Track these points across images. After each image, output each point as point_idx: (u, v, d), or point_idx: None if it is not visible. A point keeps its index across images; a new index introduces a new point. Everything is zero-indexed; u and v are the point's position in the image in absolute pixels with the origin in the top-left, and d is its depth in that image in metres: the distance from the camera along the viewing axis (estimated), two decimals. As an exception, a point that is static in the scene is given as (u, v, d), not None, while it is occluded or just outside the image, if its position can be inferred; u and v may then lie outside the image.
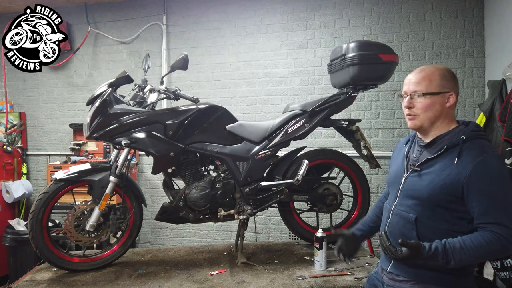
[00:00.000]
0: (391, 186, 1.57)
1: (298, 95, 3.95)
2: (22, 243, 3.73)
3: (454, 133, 1.40)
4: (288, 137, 2.54)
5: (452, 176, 1.32)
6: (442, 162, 1.37)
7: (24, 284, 2.28)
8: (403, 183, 1.47)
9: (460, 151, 1.34)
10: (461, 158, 1.33)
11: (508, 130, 2.62)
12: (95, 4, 4.35)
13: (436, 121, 1.42)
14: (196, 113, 2.46)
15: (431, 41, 3.68)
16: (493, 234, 1.27)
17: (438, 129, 1.43)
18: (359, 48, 2.41)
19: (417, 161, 1.45)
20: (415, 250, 1.28)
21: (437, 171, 1.36)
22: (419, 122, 1.43)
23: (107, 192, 2.35)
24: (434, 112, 1.40)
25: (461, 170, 1.31)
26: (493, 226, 1.27)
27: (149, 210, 4.06)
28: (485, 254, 1.29)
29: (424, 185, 1.38)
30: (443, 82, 1.40)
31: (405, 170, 1.49)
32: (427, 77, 1.41)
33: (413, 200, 1.41)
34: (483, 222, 1.29)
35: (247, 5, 4.06)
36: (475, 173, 1.29)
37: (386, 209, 1.56)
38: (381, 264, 1.58)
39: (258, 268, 2.43)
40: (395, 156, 1.64)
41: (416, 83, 1.42)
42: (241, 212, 2.51)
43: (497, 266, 2.54)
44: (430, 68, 1.44)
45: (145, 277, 2.34)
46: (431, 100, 1.40)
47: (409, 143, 1.57)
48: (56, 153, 4.52)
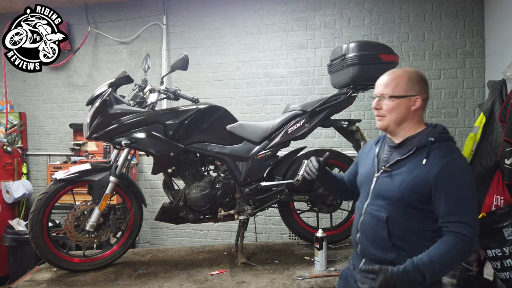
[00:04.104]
0: (362, 185, 1.59)
1: (298, 95, 3.95)
2: (22, 243, 3.72)
3: (423, 135, 1.44)
4: (288, 137, 2.55)
5: (420, 177, 1.36)
6: (412, 163, 1.40)
7: (24, 284, 2.28)
8: (375, 183, 1.49)
9: (428, 152, 1.38)
10: (429, 159, 1.37)
11: (508, 130, 2.62)
12: (95, 4, 4.35)
13: (402, 122, 1.46)
14: (196, 113, 2.46)
15: (431, 41, 3.68)
16: (456, 235, 1.29)
17: (405, 131, 1.47)
18: (359, 48, 2.41)
19: (388, 162, 1.48)
20: (384, 273, 1.28)
21: (407, 172, 1.40)
22: (385, 123, 1.48)
23: (107, 192, 2.35)
24: (399, 114, 1.44)
25: (429, 170, 1.35)
26: (457, 226, 1.30)
27: (149, 210, 4.06)
28: (454, 258, 1.31)
29: (395, 185, 1.41)
30: (409, 85, 1.44)
31: (376, 170, 1.51)
32: (395, 80, 1.46)
33: (385, 200, 1.44)
34: (448, 221, 1.32)
35: (247, 5, 4.06)
36: (442, 174, 1.33)
37: (357, 208, 1.58)
38: (353, 261, 1.60)
39: (258, 268, 2.43)
40: (363, 157, 1.66)
41: (384, 86, 1.47)
42: (241, 212, 2.51)
43: (497, 266, 2.54)
44: (399, 71, 1.48)
45: (145, 277, 2.34)
46: (397, 102, 1.44)
47: (379, 143, 1.61)
48: (56, 153, 4.51)
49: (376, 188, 1.48)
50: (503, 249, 2.50)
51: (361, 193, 1.60)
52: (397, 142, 1.48)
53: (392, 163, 1.45)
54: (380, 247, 1.44)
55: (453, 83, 3.65)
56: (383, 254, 1.43)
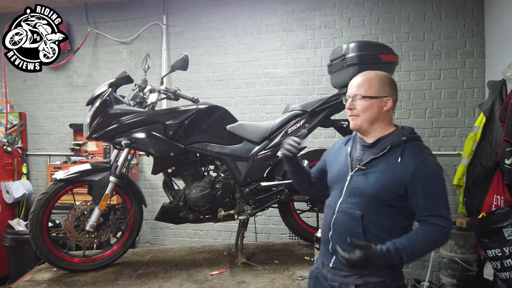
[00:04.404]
0: (334, 184, 1.61)
1: (298, 95, 3.94)
2: (22, 243, 3.73)
3: (395, 135, 1.51)
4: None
5: (396, 174, 1.43)
6: (386, 161, 1.46)
7: (24, 284, 2.28)
8: (349, 182, 1.52)
9: (402, 151, 1.45)
10: (404, 157, 1.44)
11: (508, 130, 2.62)
12: (95, 4, 4.35)
13: (374, 122, 1.52)
14: (196, 113, 2.46)
15: (431, 41, 3.68)
16: (435, 226, 1.39)
17: (377, 131, 1.53)
18: (359, 48, 2.41)
19: (361, 161, 1.52)
20: (367, 249, 1.34)
21: (382, 170, 1.45)
22: (359, 122, 1.53)
23: (107, 192, 2.35)
24: (372, 114, 1.50)
25: (405, 169, 1.42)
26: (436, 219, 1.40)
27: (149, 210, 4.06)
28: (432, 245, 1.42)
29: (370, 183, 1.46)
30: (380, 87, 1.51)
31: (349, 169, 1.54)
32: (367, 81, 1.52)
33: (359, 198, 1.46)
34: (427, 215, 1.40)
35: (247, 5, 4.06)
36: (418, 172, 1.41)
37: (329, 206, 1.58)
38: (321, 260, 1.60)
39: (258, 268, 2.44)
40: (333, 156, 1.67)
41: (357, 87, 1.53)
42: (241, 212, 2.51)
43: (497, 266, 2.54)
44: (371, 73, 1.55)
45: (145, 277, 2.34)
46: (370, 102, 1.50)
47: (350, 143, 1.64)
48: (56, 153, 4.51)
49: (350, 186, 1.51)
50: (503, 249, 2.51)
51: (332, 191, 1.61)
52: (370, 142, 1.53)
53: (366, 162, 1.50)
54: None
55: (453, 83, 3.65)
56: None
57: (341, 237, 1.48)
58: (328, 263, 1.54)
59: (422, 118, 3.71)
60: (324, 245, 1.60)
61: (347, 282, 1.49)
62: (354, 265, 1.35)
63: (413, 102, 3.73)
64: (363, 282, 1.46)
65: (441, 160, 3.66)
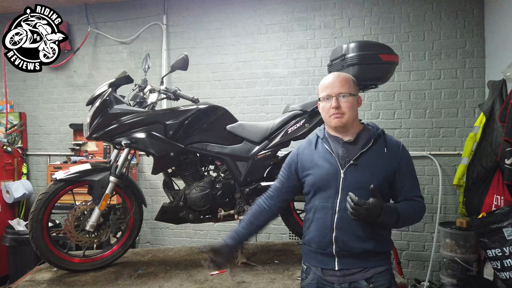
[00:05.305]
0: (323, 186, 1.57)
1: (298, 95, 3.95)
2: (22, 243, 3.72)
3: (367, 129, 1.63)
4: (288, 137, 2.54)
5: (386, 163, 1.56)
6: (374, 153, 1.57)
7: (24, 284, 2.28)
8: (344, 179, 1.53)
9: (385, 142, 1.59)
10: (388, 147, 1.58)
11: (508, 130, 2.62)
12: (95, 4, 4.35)
13: (355, 119, 1.61)
14: (196, 113, 2.46)
15: (431, 41, 3.68)
16: (418, 201, 1.59)
17: (354, 127, 1.62)
18: (359, 48, 2.41)
19: (349, 157, 1.56)
20: (380, 200, 1.43)
21: (374, 162, 1.55)
22: (345, 120, 1.57)
23: (107, 192, 2.35)
24: (355, 111, 1.60)
25: (391, 157, 1.57)
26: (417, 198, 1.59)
27: (149, 210, 4.06)
28: (417, 213, 1.58)
29: (367, 175, 1.52)
30: (354, 86, 1.62)
31: (339, 167, 1.55)
32: (346, 81, 1.61)
33: (359, 191, 1.47)
34: (415, 195, 1.58)
35: (247, 5, 4.06)
36: (403, 158, 1.58)
37: (325, 208, 1.55)
38: (320, 266, 1.57)
39: (258, 268, 2.44)
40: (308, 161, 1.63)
41: (340, 86, 1.59)
42: (241, 212, 2.51)
43: (497, 266, 2.54)
44: (344, 74, 1.65)
45: (145, 277, 2.34)
46: (352, 100, 1.59)
47: (319, 145, 1.65)
48: (56, 153, 4.52)
49: (346, 183, 1.52)
50: (503, 249, 2.51)
51: (319, 193, 1.58)
52: (350, 139, 1.60)
53: (357, 156, 1.55)
54: (362, 239, 1.51)
55: (453, 83, 3.65)
56: (364, 244, 1.51)
57: (347, 235, 1.50)
58: (332, 267, 1.52)
59: (422, 118, 3.71)
60: (322, 249, 1.55)
61: (356, 278, 1.51)
62: (362, 212, 1.41)
63: (413, 102, 3.73)
64: (372, 274, 1.52)
65: (441, 160, 3.67)
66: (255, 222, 1.73)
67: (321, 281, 1.57)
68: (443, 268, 3.29)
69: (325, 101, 1.60)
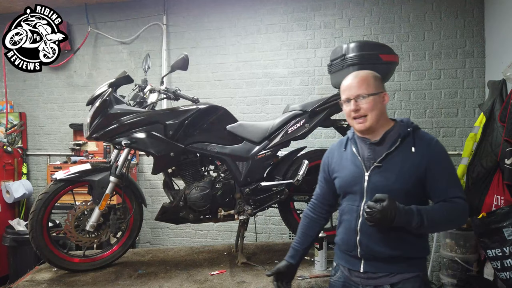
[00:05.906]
0: (348, 189, 1.57)
1: (298, 95, 3.95)
2: (22, 243, 3.72)
3: (397, 127, 1.54)
4: (288, 137, 2.55)
5: (416, 163, 1.46)
6: (401, 153, 1.48)
7: (24, 284, 2.28)
8: (368, 182, 1.50)
9: (414, 140, 1.49)
10: (416, 145, 1.48)
11: (508, 130, 2.62)
12: (95, 4, 4.35)
13: (380, 118, 1.53)
14: (196, 113, 2.46)
15: (431, 41, 3.68)
16: (454, 202, 1.44)
17: (382, 127, 1.54)
18: (359, 48, 2.41)
19: (374, 158, 1.51)
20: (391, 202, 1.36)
21: (400, 162, 1.47)
22: (368, 122, 1.51)
23: (107, 192, 2.35)
24: (378, 110, 1.52)
25: (421, 155, 1.46)
26: (455, 198, 1.45)
27: (149, 210, 4.06)
28: (454, 215, 1.45)
29: (393, 177, 1.46)
30: (376, 83, 1.54)
31: (364, 169, 1.52)
32: (365, 80, 1.53)
33: (385, 194, 1.44)
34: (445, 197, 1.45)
35: (247, 5, 4.06)
36: (432, 156, 1.47)
37: (350, 211, 1.55)
38: (347, 266, 1.58)
39: (258, 268, 2.44)
40: (336, 163, 1.64)
41: (357, 87, 1.52)
42: (241, 212, 2.51)
43: (497, 266, 2.53)
44: (363, 73, 1.57)
45: (145, 277, 2.34)
46: (374, 99, 1.50)
47: (348, 146, 1.62)
48: (56, 153, 4.51)
49: (371, 186, 1.49)
50: (503, 249, 2.50)
51: (347, 196, 1.58)
52: (377, 139, 1.53)
53: (381, 158, 1.49)
54: (387, 243, 1.46)
55: (453, 83, 3.65)
56: (389, 248, 1.46)
57: (372, 239, 1.47)
58: (358, 269, 1.52)
59: (422, 118, 3.71)
60: (349, 251, 1.56)
61: (381, 282, 1.48)
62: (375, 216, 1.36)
63: (413, 102, 3.73)
64: (399, 280, 1.47)
65: (441, 160, 3.66)
66: (310, 233, 1.76)
67: (347, 280, 1.58)
68: (443, 268, 3.29)
69: (346, 104, 1.56)
